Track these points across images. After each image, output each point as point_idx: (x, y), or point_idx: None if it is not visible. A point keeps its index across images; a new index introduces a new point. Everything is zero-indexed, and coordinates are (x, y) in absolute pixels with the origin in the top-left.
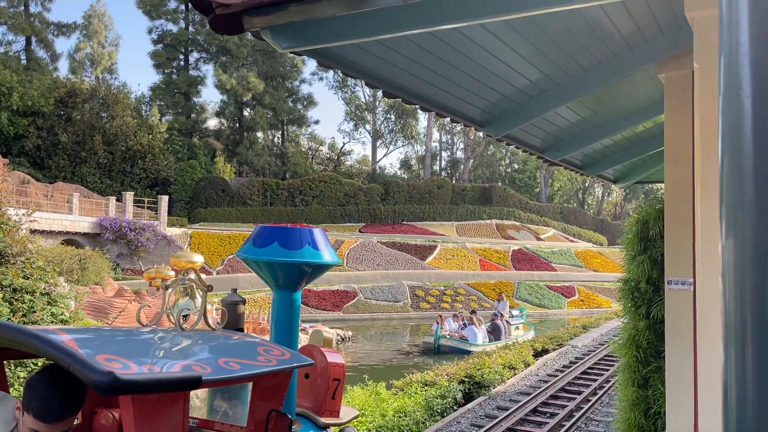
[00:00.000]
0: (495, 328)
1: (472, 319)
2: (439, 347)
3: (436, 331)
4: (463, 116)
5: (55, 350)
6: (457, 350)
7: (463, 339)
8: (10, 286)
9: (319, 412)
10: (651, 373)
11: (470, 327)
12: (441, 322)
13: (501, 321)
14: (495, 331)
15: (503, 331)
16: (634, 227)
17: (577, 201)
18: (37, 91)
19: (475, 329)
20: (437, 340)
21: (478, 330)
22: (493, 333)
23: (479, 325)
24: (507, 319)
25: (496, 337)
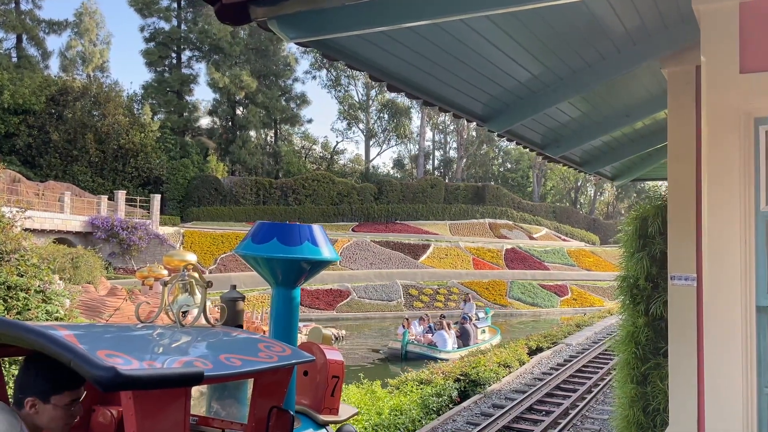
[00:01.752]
0: (464, 333)
1: (442, 323)
2: (407, 353)
3: (403, 335)
4: (466, 111)
5: (56, 346)
6: (425, 357)
7: (432, 345)
8: (4, 283)
9: (319, 409)
10: (650, 369)
11: (439, 332)
12: (408, 325)
13: (470, 325)
14: (464, 336)
15: (472, 336)
16: (632, 224)
17: (569, 200)
18: (28, 89)
19: (444, 334)
20: (404, 345)
21: (448, 335)
22: (461, 338)
23: (449, 330)
24: (474, 322)
25: (464, 342)
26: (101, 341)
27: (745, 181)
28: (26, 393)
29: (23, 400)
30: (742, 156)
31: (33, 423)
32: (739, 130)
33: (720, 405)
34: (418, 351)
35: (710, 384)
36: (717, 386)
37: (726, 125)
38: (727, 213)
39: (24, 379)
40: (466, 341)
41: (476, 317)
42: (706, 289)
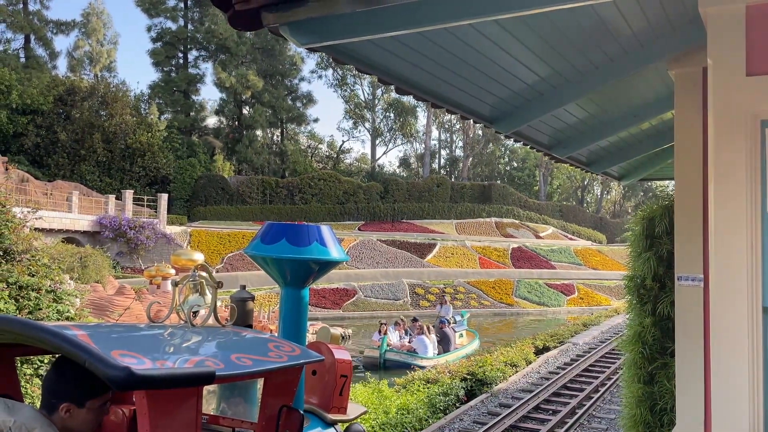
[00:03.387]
0: (444, 337)
1: (422, 328)
2: (385, 362)
3: (382, 342)
4: (473, 113)
5: (70, 346)
6: (404, 365)
7: (412, 352)
8: (15, 283)
9: (327, 408)
10: (657, 369)
11: (420, 337)
12: (384, 331)
13: (449, 328)
14: (444, 341)
15: (452, 341)
16: (639, 224)
17: (576, 199)
18: (36, 89)
19: (425, 340)
20: (383, 354)
21: (428, 341)
22: (441, 343)
23: (429, 335)
24: (453, 326)
25: (445, 347)
26: (114, 341)
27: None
28: (61, 398)
29: (57, 405)
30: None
31: (64, 426)
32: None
33: (726, 405)
34: (398, 359)
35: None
36: (723, 386)
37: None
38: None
39: (58, 385)
40: (447, 346)
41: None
42: (713, 289)
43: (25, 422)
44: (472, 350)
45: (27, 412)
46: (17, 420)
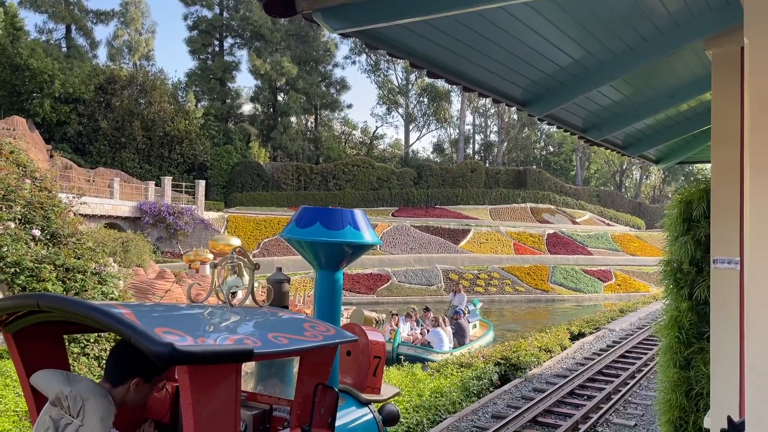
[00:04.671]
0: (459, 329)
1: (437, 320)
2: (398, 356)
3: (395, 335)
4: (506, 96)
5: (117, 323)
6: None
7: (426, 345)
8: (62, 265)
9: (361, 388)
10: (693, 354)
11: (435, 330)
12: (397, 323)
13: (464, 319)
14: (458, 333)
15: (467, 333)
16: (676, 208)
17: (614, 184)
18: (78, 78)
19: (441, 332)
20: (396, 348)
21: (444, 333)
22: (456, 335)
23: (445, 327)
24: (467, 317)
25: (460, 340)
26: (157, 319)
27: None
28: (134, 373)
29: (128, 379)
30: None
31: (123, 399)
32: None
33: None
34: (411, 353)
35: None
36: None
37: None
38: None
39: (131, 360)
40: (462, 339)
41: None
42: (748, 272)
43: (80, 392)
44: (487, 343)
45: (85, 383)
46: (73, 390)
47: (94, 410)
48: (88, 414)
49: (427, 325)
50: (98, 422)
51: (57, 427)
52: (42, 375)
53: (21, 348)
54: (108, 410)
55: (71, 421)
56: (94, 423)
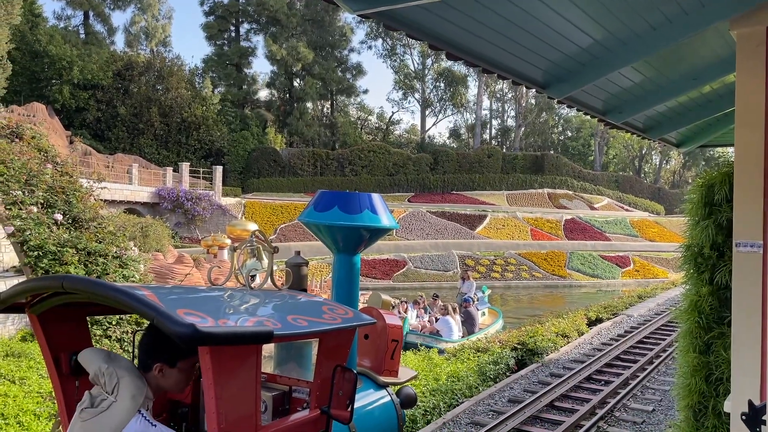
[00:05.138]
0: (468, 317)
1: (447, 308)
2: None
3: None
4: (525, 77)
5: (140, 304)
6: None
7: (435, 334)
8: (84, 249)
9: (379, 371)
10: (713, 339)
11: (444, 318)
12: (404, 310)
13: (473, 307)
14: (468, 321)
15: (477, 321)
16: (698, 192)
17: (633, 169)
18: (96, 65)
19: (450, 321)
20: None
21: (454, 322)
22: (465, 324)
23: (455, 316)
24: (477, 305)
25: (469, 329)
26: (179, 301)
27: None
28: (155, 358)
29: (152, 365)
30: None
31: (157, 385)
32: None
33: None
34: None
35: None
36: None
37: None
38: None
39: (152, 345)
40: (471, 328)
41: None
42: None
43: (117, 369)
44: (496, 331)
45: (123, 363)
46: (110, 367)
47: (127, 387)
48: (121, 391)
49: (434, 313)
50: (129, 399)
51: (93, 402)
52: (87, 352)
53: (45, 329)
54: (140, 389)
55: (106, 397)
56: (126, 399)
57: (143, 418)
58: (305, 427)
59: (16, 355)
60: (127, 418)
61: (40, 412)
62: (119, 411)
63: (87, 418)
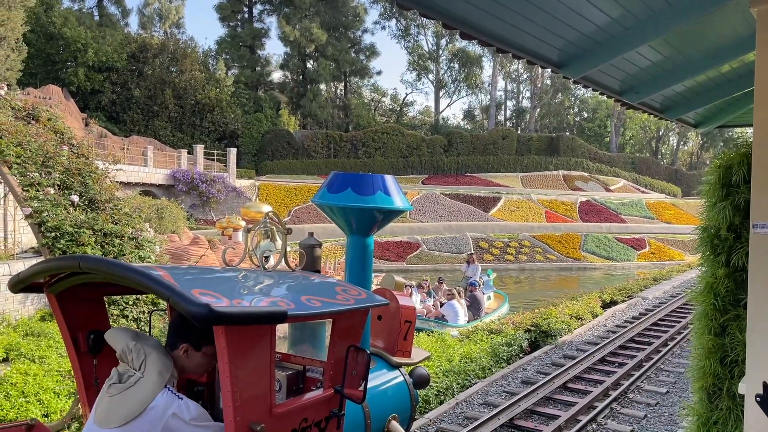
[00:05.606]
0: (474, 301)
1: (452, 292)
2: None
3: None
4: (540, 57)
5: (156, 284)
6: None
7: (440, 319)
8: (101, 230)
9: (392, 352)
10: (729, 321)
11: (450, 303)
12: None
13: (479, 291)
14: (473, 305)
15: (482, 305)
16: (715, 173)
17: (650, 150)
18: (110, 47)
19: (456, 305)
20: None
21: (459, 306)
22: (471, 308)
23: (461, 300)
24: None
25: (475, 313)
26: (194, 281)
27: None
28: (182, 339)
29: (178, 344)
30: None
31: (181, 365)
32: None
33: None
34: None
35: None
36: None
37: None
38: None
39: (180, 326)
40: (477, 312)
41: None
42: None
43: (144, 347)
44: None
45: (150, 341)
46: (138, 344)
47: (154, 363)
48: (148, 367)
49: (439, 297)
50: (156, 375)
51: (121, 378)
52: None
53: (64, 309)
54: (166, 366)
55: (134, 373)
56: (153, 376)
57: (170, 392)
58: (319, 405)
59: (36, 334)
60: (155, 392)
61: (59, 390)
62: (147, 386)
63: (115, 393)
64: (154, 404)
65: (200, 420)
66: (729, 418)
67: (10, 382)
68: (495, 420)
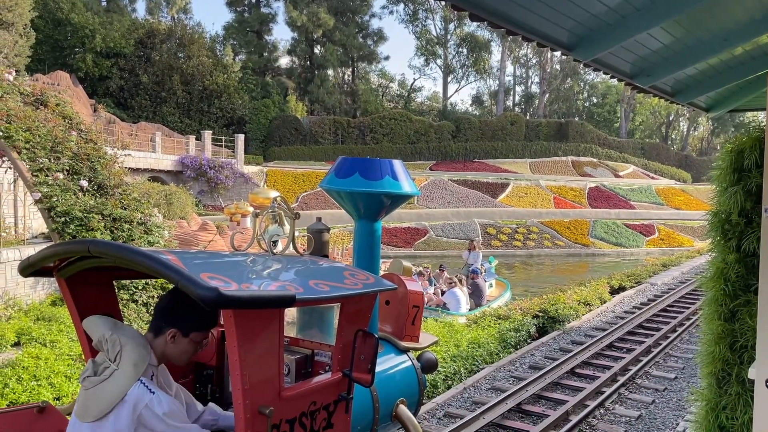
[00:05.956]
0: (476, 289)
1: (453, 280)
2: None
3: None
4: (550, 39)
5: (164, 268)
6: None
7: (441, 307)
8: (110, 215)
9: (400, 336)
10: (739, 306)
11: (452, 291)
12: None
13: (481, 279)
14: (475, 293)
15: (484, 293)
16: (727, 157)
17: (660, 136)
18: (118, 33)
19: (458, 293)
20: None
21: (461, 294)
22: (473, 296)
23: (463, 288)
24: (484, 276)
25: (477, 301)
26: (203, 265)
27: None
28: (170, 324)
29: (165, 329)
30: None
31: (163, 351)
32: None
33: None
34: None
35: None
36: None
37: None
38: None
39: (170, 311)
40: (479, 300)
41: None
42: None
43: (120, 337)
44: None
45: (127, 331)
46: (114, 334)
47: (129, 355)
48: (123, 358)
49: (440, 285)
50: (131, 367)
51: (96, 370)
52: (92, 319)
53: (74, 293)
54: (142, 357)
55: (109, 365)
56: (127, 367)
57: (142, 385)
58: (327, 389)
59: (47, 319)
60: (129, 385)
61: (71, 374)
62: (121, 378)
63: (89, 387)
64: (127, 398)
65: (173, 417)
66: (738, 404)
67: (22, 366)
68: (503, 404)
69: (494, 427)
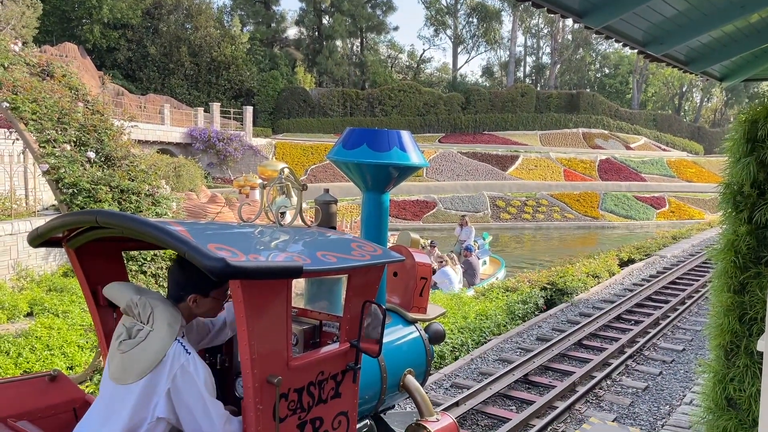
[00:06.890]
0: (469, 268)
1: (444, 259)
2: None
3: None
4: (561, 5)
5: (172, 239)
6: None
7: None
8: (117, 187)
9: (408, 308)
10: (749, 278)
11: (443, 269)
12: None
13: (474, 257)
14: (468, 272)
15: (478, 271)
16: (740, 127)
17: (672, 107)
18: (125, 3)
19: (450, 272)
20: None
21: (454, 273)
22: (466, 274)
23: (455, 266)
24: (477, 253)
25: (470, 280)
26: (210, 236)
27: None
28: (188, 290)
29: (185, 297)
30: None
31: (190, 313)
32: None
33: None
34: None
35: None
36: None
37: None
38: None
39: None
40: (472, 279)
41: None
42: None
43: (149, 300)
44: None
45: (154, 294)
46: (143, 297)
47: (162, 316)
48: (157, 320)
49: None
50: (167, 327)
51: (130, 333)
52: (115, 285)
53: (82, 263)
54: (175, 317)
55: (142, 327)
56: (163, 328)
57: (180, 344)
58: (335, 359)
59: (59, 289)
60: (168, 344)
61: (83, 344)
62: (158, 339)
63: (126, 349)
64: (166, 357)
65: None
66: (746, 376)
67: (35, 336)
68: (510, 375)
69: (501, 398)
